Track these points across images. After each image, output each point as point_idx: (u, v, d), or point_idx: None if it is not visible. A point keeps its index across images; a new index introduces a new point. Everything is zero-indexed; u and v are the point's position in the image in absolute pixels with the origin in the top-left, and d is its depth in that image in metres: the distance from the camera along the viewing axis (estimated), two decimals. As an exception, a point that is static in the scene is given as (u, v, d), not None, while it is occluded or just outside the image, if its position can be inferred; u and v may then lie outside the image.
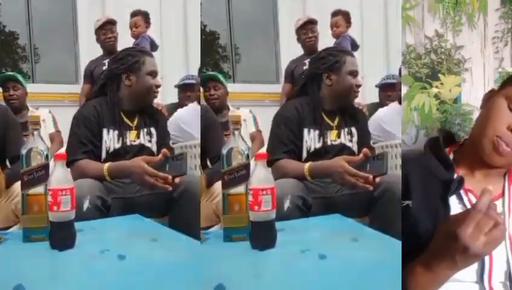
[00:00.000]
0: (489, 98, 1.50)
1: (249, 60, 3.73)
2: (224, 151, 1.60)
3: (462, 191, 1.47)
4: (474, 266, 1.39)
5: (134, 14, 3.59)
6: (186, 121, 2.69)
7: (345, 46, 3.23)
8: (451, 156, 1.54)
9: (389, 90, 3.18)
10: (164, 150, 1.99)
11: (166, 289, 1.28)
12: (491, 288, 1.40)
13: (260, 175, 1.53)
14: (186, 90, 3.39)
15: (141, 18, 3.58)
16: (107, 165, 2.10)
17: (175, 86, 3.44)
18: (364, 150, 1.99)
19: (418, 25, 1.94)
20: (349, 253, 1.49)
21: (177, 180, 1.94)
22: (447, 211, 1.43)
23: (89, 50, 3.67)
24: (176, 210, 2.09)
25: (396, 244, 1.45)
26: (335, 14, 3.66)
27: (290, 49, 3.73)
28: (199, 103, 2.66)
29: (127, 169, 2.03)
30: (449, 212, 1.42)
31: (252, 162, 1.60)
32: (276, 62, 3.75)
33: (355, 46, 3.50)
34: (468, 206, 1.46)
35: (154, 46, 3.46)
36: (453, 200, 1.46)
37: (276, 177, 1.91)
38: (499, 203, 1.47)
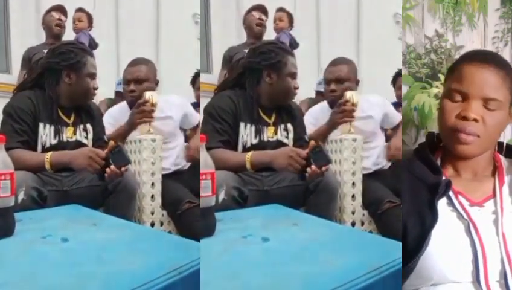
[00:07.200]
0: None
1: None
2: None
3: (452, 194, 1.47)
4: (469, 267, 1.39)
5: (79, 9, 3.53)
6: (117, 118, 2.64)
7: (284, 42, 3.18)
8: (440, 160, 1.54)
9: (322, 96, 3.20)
10: (111, 143, 2.09)
11: (113, 265, 1.29)
12: (489, 288, 1.38)
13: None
14: (120, 96, 3.32)
15: (85, 15, 3.52)
16: (49, 153, 2.09)
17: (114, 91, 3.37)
18: (311, 142, 2.11)
19: (418, 25, 1.99)
20: (291, 235, 1.54)
21: (123, 169, 2.05)
22: (434, 216, 1.41)
23: (22, 39, 3.53)
24: (111, 201, 2.11)
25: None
26: (279, 9, 3.60)
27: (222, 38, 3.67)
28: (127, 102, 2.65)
29: (71, 156, 2.07)
30: (436, 217, 1.41)
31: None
32: (206, 50, 3.64)
33: (294, 43, 3.43)
34: (459, 208, 1.45)
35: (93, 45, 3.37)
36: (443, 204, 1.46)
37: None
38: (490, 203, 1.47)
